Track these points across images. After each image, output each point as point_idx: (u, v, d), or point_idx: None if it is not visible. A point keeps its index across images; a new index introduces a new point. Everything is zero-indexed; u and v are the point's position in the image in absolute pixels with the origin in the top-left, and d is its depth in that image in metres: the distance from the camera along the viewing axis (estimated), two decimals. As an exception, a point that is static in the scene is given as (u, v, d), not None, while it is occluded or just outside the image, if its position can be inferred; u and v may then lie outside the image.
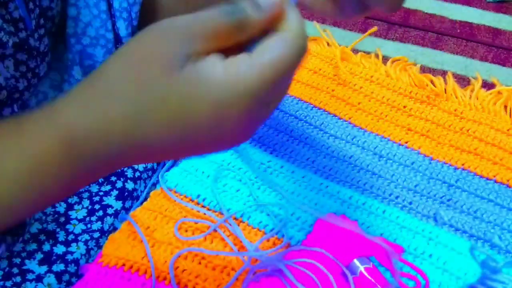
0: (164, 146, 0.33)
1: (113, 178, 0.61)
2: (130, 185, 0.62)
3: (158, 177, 0.61)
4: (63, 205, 0.58)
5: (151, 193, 0.59)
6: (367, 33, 0.74)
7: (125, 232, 0.55)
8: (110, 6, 0.54)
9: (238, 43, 0.33)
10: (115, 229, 0.58)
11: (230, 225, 0.55)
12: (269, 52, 0.31)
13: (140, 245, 0.54)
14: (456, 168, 0.61)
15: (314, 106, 0.67)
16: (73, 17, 0.54)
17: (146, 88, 0.32)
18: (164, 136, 0.32)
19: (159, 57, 0.31)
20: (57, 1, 0.52)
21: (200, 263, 0.53)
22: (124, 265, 0.53)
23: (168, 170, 0.61)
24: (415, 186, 0.60)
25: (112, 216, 0.59)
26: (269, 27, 0.33)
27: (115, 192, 0.60)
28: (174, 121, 0.32)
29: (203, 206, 0.57)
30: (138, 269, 0.53)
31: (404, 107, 0.67)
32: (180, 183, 0.59)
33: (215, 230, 0.55)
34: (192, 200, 0.58)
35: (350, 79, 0.70)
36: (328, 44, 0.76)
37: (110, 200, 0.59)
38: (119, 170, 0.62)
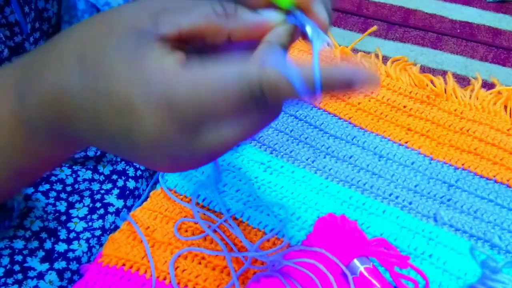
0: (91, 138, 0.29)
1: (114, 177, 0.61)
2: (131, 184, 0.62)
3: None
4: (64, 203, 0.58)
5: (151, 193, 0.59)
6: (367, 33, 0.74)
7: (125, 232, 0.55)
8: None
9: None
10: (116, 227, 0.58)
11: (230, 225, 0.55)
12: (220, 66, 0.27)
13: (140, 245, 0.54)
14: (456, 168, 0.61)
15: (314, 106, 0.67)
16: None
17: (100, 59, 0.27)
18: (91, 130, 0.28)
19: (121, 25, 0.27)
20: (53, 2, 0.52)
21: (200, 263, 0.53)
22: (124, 265, 0.53)
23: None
24: (415, 186, 0.60)
25: (114, 214, 0.59)
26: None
27: (116, 191, 0.60)
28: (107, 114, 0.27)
29: (203, 207, 0.58)
30: (138, 269, 0.53)
31: (404, 107, 0.67)
32: (180, 183, 0.59)
33: (215, 230, 0.55)
34: (192, 201, 0.58)
35: (350, 79, 0.70)
36: (328, 44, 0.75)
37: (111, 198, 0.59)
38: (120, 169, 0.62)
